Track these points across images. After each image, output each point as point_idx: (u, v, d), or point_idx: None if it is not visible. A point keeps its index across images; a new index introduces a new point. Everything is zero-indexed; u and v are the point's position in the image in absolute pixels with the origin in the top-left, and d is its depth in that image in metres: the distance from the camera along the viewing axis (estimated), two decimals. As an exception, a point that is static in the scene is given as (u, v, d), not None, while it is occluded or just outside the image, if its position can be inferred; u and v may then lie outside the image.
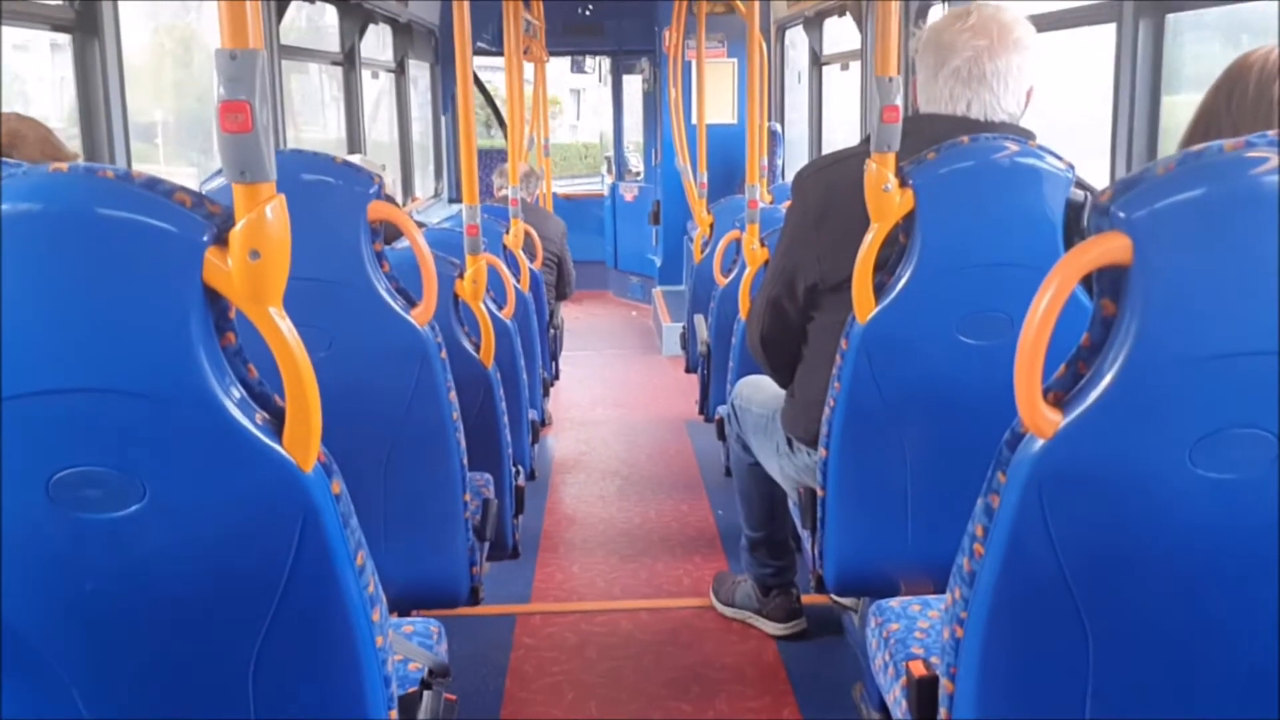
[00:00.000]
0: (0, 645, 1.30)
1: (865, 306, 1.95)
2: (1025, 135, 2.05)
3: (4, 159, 1.87)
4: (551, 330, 4.91)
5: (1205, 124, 1.58)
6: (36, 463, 1.19)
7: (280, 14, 4.46)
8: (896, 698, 1.69)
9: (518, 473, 2.85)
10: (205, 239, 1.15)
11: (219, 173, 1.87)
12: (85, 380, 1.17)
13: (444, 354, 2.11)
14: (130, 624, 1.29)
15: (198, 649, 1.30)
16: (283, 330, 1.17)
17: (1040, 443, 1.19)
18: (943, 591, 1.67)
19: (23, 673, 1.32)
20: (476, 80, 8.40)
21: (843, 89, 6.27)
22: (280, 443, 1.19)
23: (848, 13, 5.60)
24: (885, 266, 1.98)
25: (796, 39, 7.07)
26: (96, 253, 1.16)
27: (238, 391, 1.19)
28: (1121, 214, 1.11)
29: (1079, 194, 1.96)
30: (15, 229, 1.15)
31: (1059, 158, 1.94)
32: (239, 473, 1.19)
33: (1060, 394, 1.20)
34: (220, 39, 1.12)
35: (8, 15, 2.76)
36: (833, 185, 2.16)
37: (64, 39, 2.90)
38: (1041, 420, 1.18)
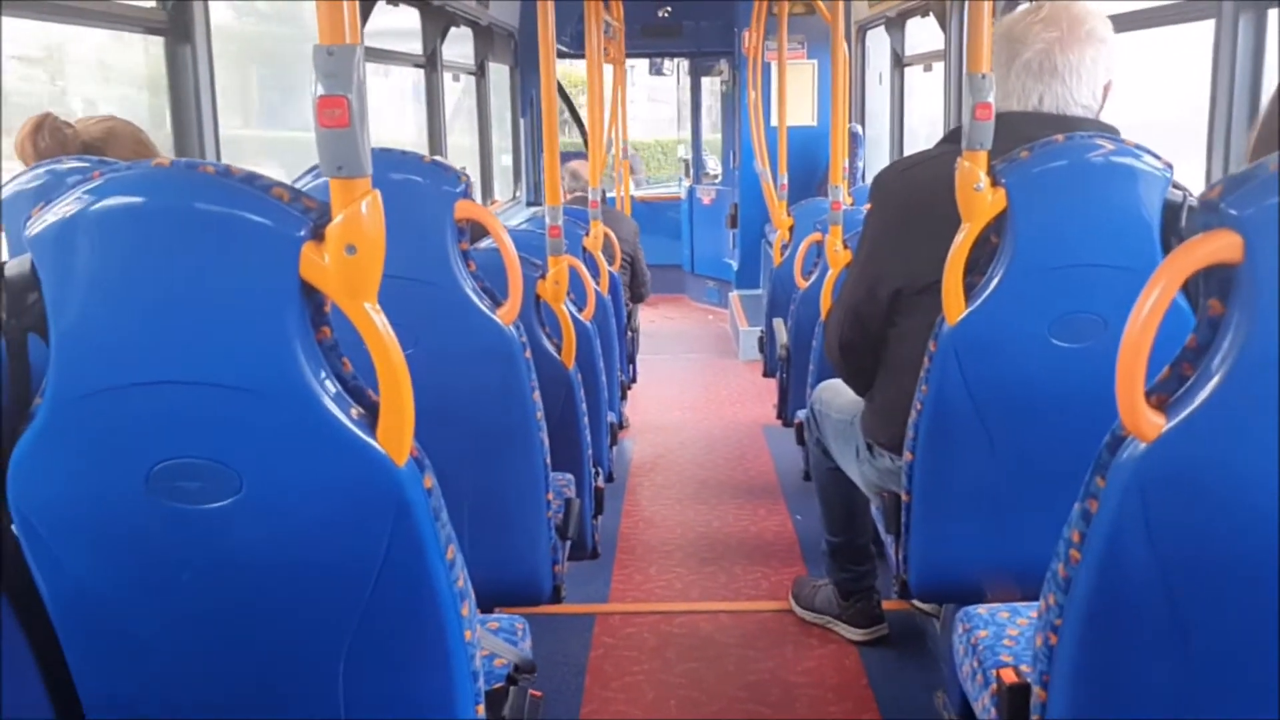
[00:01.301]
0: (98, 632, 1.33)
1: (955, 308, 1.92)
2: (1109, 131, 2.01)
3: (107, 159, 1.94)
4: (629, 333, 4.92)
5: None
6: (137, 453, 1.22)
7: (365, 16, 4.53)
8: (985, 705, 1.66)
9: (597, 474, 2.85)
10: (302, 234, 1.17)
11: (312, 170, 1.90)
12: (184, 373, 1.19)
13: (528, 354, 2.12)
14: (224, 614, 1.32)
15: (290, 640, 1.32)
16: (378, 325, 1.18)
17: (1142, 446, 1.16)
18: (1030, 598, 1.64)
19: (117, 659, 1.35)
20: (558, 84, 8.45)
21: (925, 90, 6.19)
22: (374, 437, 1.20)
23: (930, 13, 5.53)
24: (975, 268, 1.94)
25: (877, 40, 7.00)
26: (196, 247, 1.19)
27: (333, 385, 1.20)
28: (1232, 211, 1.08)
29: (1177, 194, 1.91)
30: (118, 223, 1.18)
31: (1156, 157, 1.89)
32: (334, 466, 1.21)
33: (1163, 396, 1.17)
34: (319, 35, 1.14)
35: (104, 19, 2.83)
36: (916, 187, 2.13)
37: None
38: (1144, 423, 1.15)
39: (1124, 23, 3.15)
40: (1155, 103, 3.76)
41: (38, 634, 1.34)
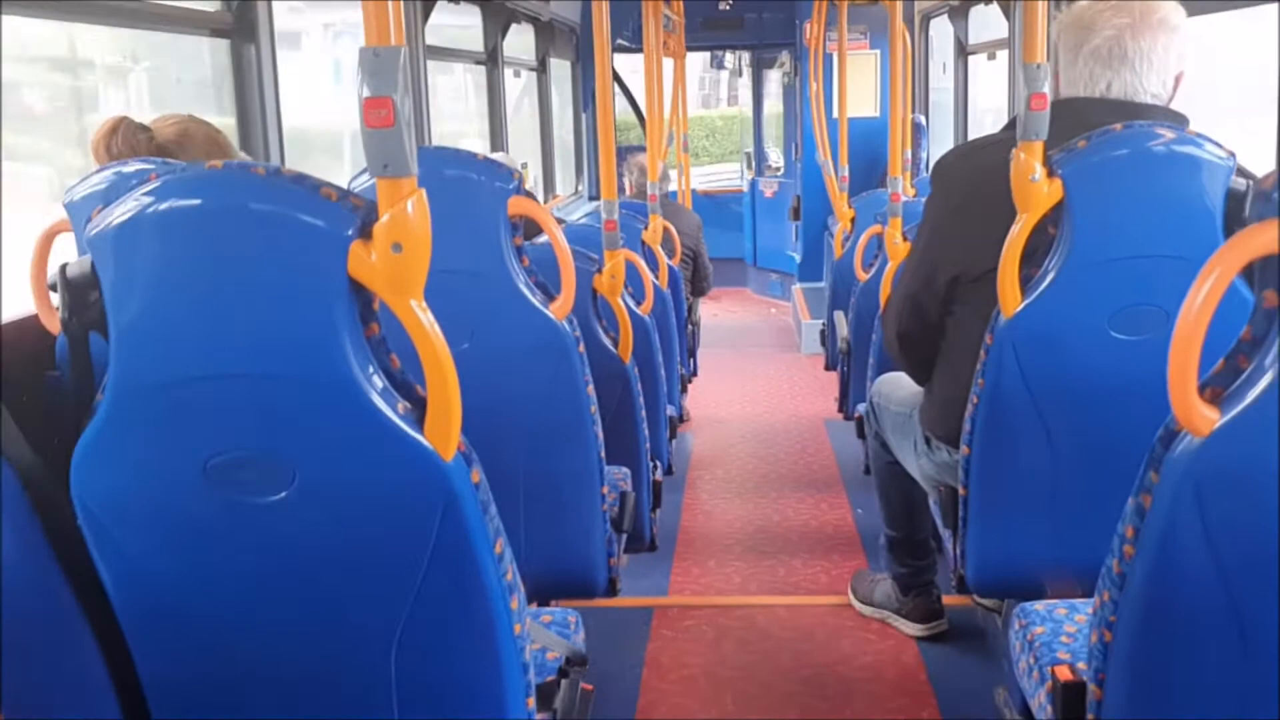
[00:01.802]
0: (157, 620, 1.37)
1: (1011, 300, 1.90)
2: (1178, 120, 1.96)
3: (168, 159, 1.98)
4: (689, 326, 4.92)
5: None
6: (194, 445, 1.25)
7: (426, 15, 4.58)
8: (1041, 703, 1.64)
9: (655, 467, 2.86)
10: (350, 232, 1.19)
11: (364, 172, 1.93)
12: (238, 367, 1.23)
13: (582, 348, 2.13)
14: (278, 603, 1.35)
15: (342, 629, 1.35)
16: (424, 322, 1.20)
17: (1196, 440, 1.14)
18: (1090, 594, 1.61)
19: (176, 646, 1.39)
20: (616, 77, 8.47)
21: (989, 78, 6.11)
22: (422, 431, 1.22)
23: (994, 1, 5.45)
24: (1031, 259, 1.92)
25: (940, 28, 6.91)
26: (249, 245, 1.22)
27: (380, 381, 1.23)
28: (1287, 200, 1.06)
29: (1241, 183, 1.86)
30: (175, 223, 1.21)
31: (1219, 145, 1.85)
32: (382, 460, 1.23)
33: (1218, 390, 1.15)
34: (364, 37, 1.16)
35: (173, 22, 2.90)
36: (976, 172, 2.10)
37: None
38: (1197, 417, 1.13)
39: (1197, 8, 3.08)
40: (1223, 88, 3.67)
41: (100, 622, 1.38)
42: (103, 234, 1.21)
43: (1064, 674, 1.50)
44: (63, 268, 1.26)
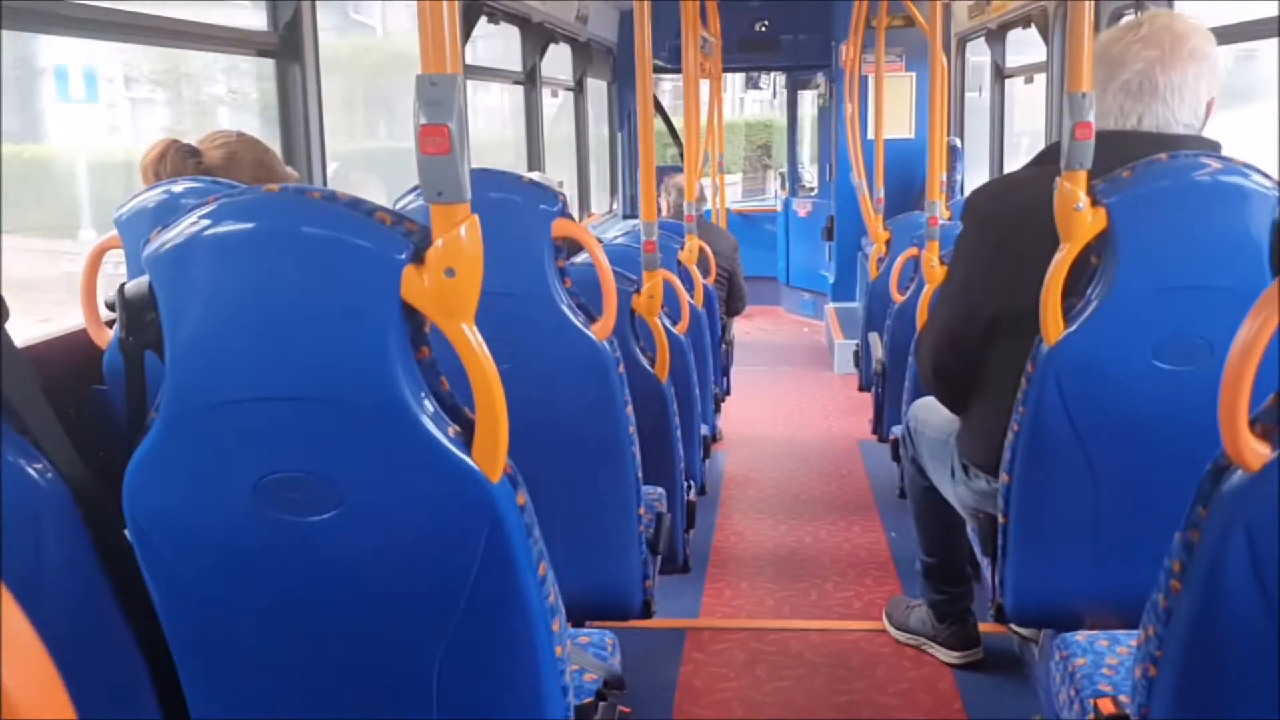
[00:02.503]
0: (204, 637, 1.39)
1: (1054, 329, 1.89)
2: (1210, 148, 1.95)
3: (219, 180, 2.01)
4: (723, 346, 4.92)
5: None
6: (245, 465, 1.27)
7: (467, 35, 4.62)
8: (1082, 735, 1.62)
9: (689, 487, 2.86)
10: (403, 257, 1.20)
11: (413, 190, 1.95)
12: (290, 389, 1.24)
13: (621, 368, 2.14)
14: (322, 623, 1.36)
15: (386, 651, 1.36)
16: (474, 345, 1.21)
17: (1246, 476, 1.13)
18: (1130, 626, 1.60)
19: (222, 660, 1.40)
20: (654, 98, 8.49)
21: (1026, 101, 6.09)
22: (470, 454, 1.23)
23: (1032, 24, 5.43)
24: (1073, 290, 1.91)
25: (978, 52, 6.90)
26: (303, 269, 1.23)
27: (431, 404, 1.24)
28: (1341, 236, 1.05)
29: (1288, 213, 1.85)
30: (231, 246, 1.23)
31: (1266, 175, 1.84)
32: (430, 482, 1.24)
33: (1269, 426, 1.14)
34: (421, 65, 1.17)
35: (220, 43, 2.94)
36: (1011, 212, 2.09)
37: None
38: (1248, 452, 1.12)
39: (1227, 35, 3.07)
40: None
41: (146, 636, 1.40)
42: (160, 255, 1.24)
43: (1107, 707, 1.49)
44: (121, 287, 1.28)
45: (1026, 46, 5.86)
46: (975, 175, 7.02)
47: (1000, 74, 6.36)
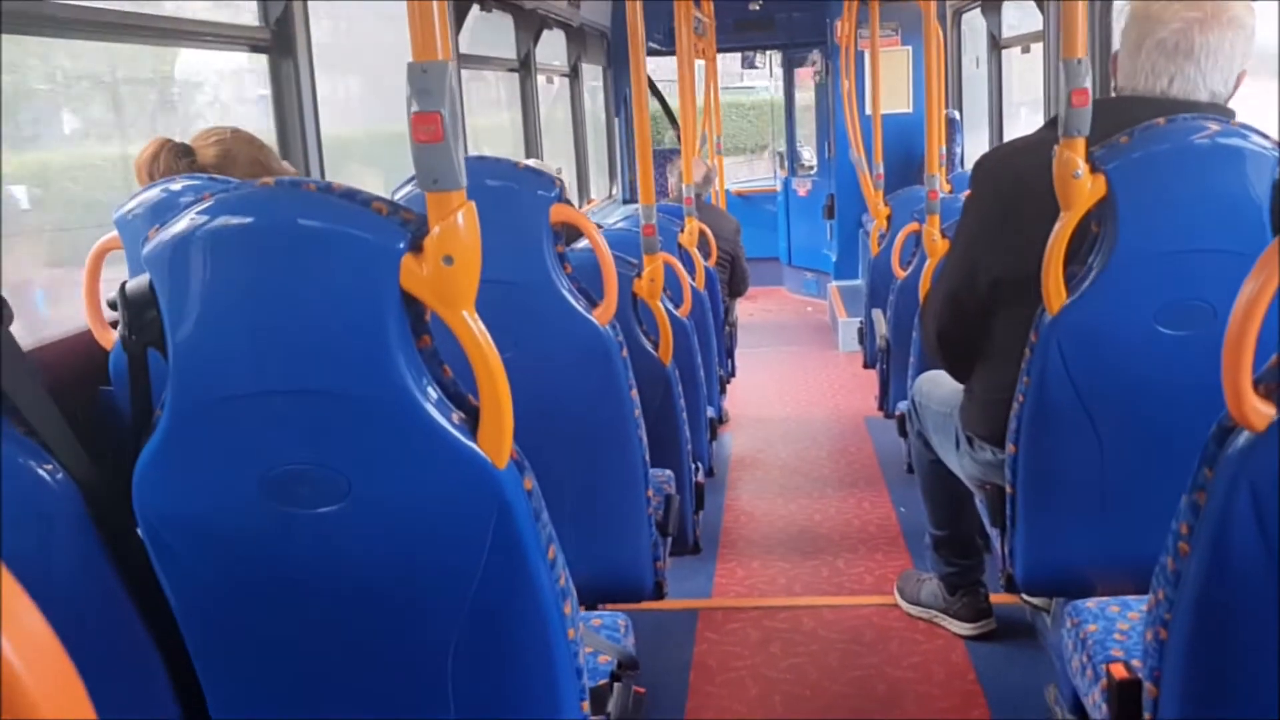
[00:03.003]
0: (218, 632, 1.39)
1: (1056, 298, 1.89)
2: (1226, 115, 1.94)
3: (216, 176, 2.01)
4: (727, 327, 4.92)
5: None
6: (251, 459, 1.27)
7: (460, 23, 4.61)
8: (1096, 701, 1.63)
9: (697, 469, 2.86)
10: (401, 246, 1.20)
11: (410, 180, 1.95)
12: (293, 382, 1.24)
13: (625, 352, 2.14)
14: (335, 614, 1.37)
15: (399, 638, 1.36)
16: (475, 332, 1.21)
17: (1251, 436, 1.13)
18: (1142, 592, 1.60)
19: (237, 655, 1.41)
20: (649, 81, 8.47)
21: (1024, 71, 6.06)
22: (475, 440, 1.24)
23: (1028, -7, 5.41)
24: (1075, 256, 1.91)
25: (973, 23, 6.87)
26: (302, 261, 1.23)
27: (434, 392, 1.24)
28: (1340, 193, 1.05)
29: (1288, 174, 1.84)
30: (228, 241, 1.23)
31: (1265, 136, 1.83)
32: (437, 470, 1.25)
33: (1272, 385, 1.14)
34: (412, 53, 1.17)
35: (212, 38, 2.94)
36: (1018, 174, 2.08)
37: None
38: (1252, 413, 1.12)
39: None
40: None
41: (162, 633, 1.40)
42: (158, 252, 1.24)
43: (1119, 672, 1.49)
44: (122, 286, 1.28)
45: (1026, 16, 5.84)
46: (974, 147, 6.99)
47: (997, 44, 6.33)
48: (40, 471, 1.34)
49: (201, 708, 1.43)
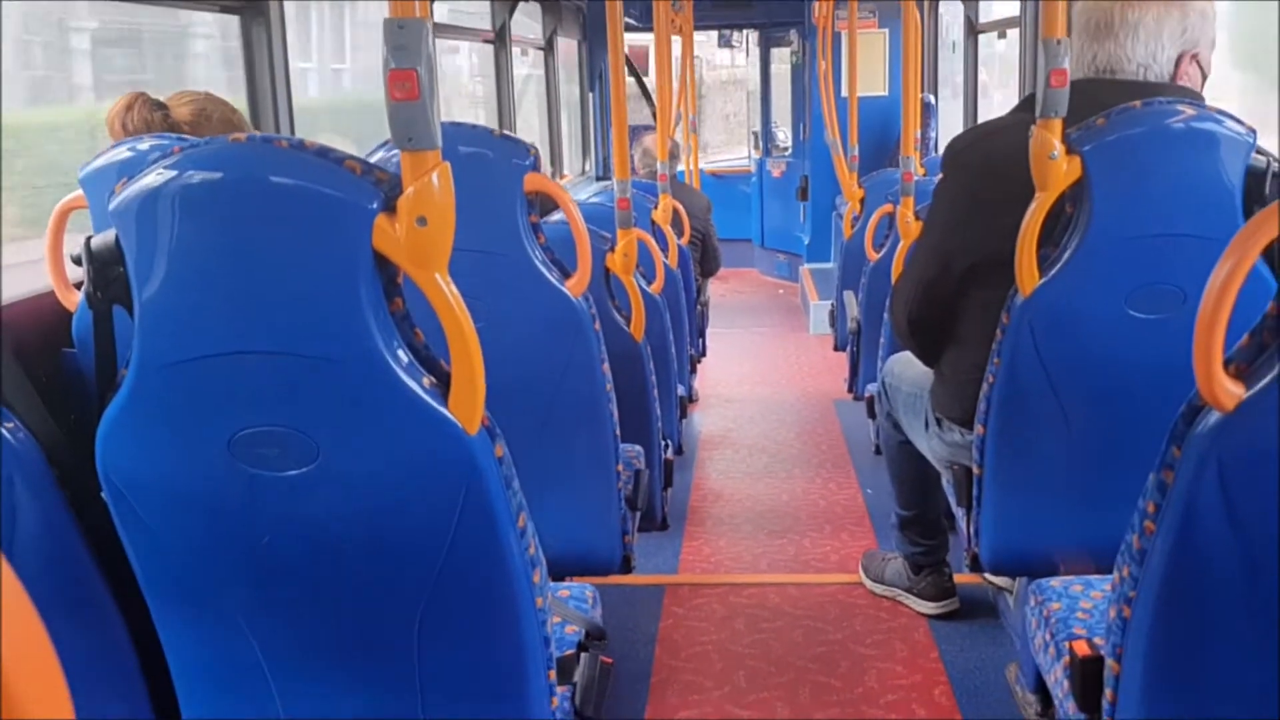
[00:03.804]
0: (182, 595, 1.38)
1: (1029, 279, 1.89)
2: (1192, 95, 1.95)
3: (186, 136, 1.98)
4: (698, 307, 4.92)
5: None
6: (218, 421, 1.26)
7: (436, -7, 4.57)
8: (1058, 678, 1.64)
9: (666, 446, 2.86)
10: (374, 206, 1.19)
11: (384, 145, 1.92)
12: (262, 342, 1.23)
13: (597, 325, 2.13)
14: (303, 577, 1.36)
15: (366, 604, 1.36)
16: (448, 295, 1.20)
17: (1220, 416, 1.14)
18: (1104, 571, 1.62)
19: (202, 619, 1.40)
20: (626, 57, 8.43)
21: (1001, 56, 6.08)
22: (446, 406, 1.23)
23: (1006, -21, 5.42)
24: (1049, 239, 1.91)
25: (952, 7, 6.88)
26: (271, 219, 1.21)
27: (405, 355, 1.23)
28: (1314, 175, 1.05)
29: (1260, 160, 1.85)
30: (197, 197, 1.21)
31: (1239, 121, 1.84)
32: (407, 434, 1.23)
33: (1242, 366, 1.15)
34: (389, 9, 1.15)
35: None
36: (991, 158, 2.08)
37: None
38: (1222, 393, 1.12)
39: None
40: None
41: (124, 595, 1.39)
42: (125, 207, 1.21)
43: (1082, 649, 1.50)
44: (87, 240, 1.25)
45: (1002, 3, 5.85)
46: (950, 131, 7.01)
47: (974, 29, 6.35)
48: (2, 431, 1.32)
49: (164, 669, 1.42)
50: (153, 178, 1.20)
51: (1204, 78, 2.03)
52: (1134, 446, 1.56)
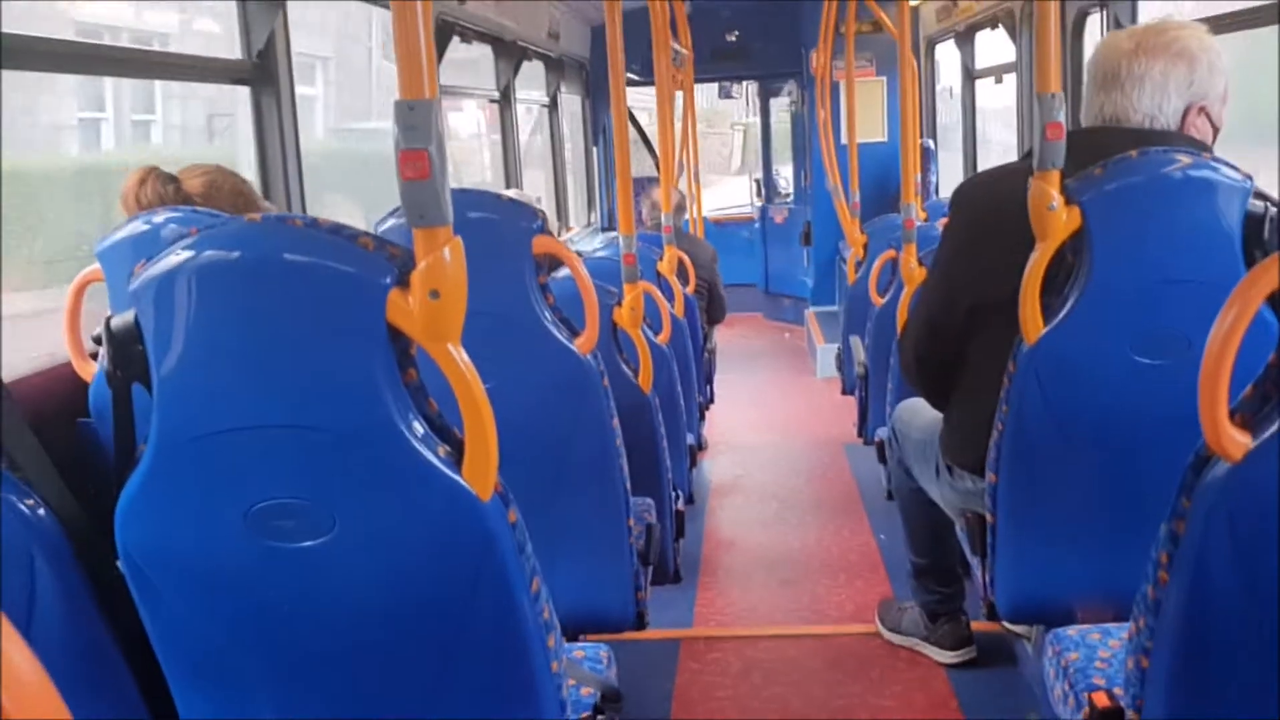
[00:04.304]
0: (200, 667, 1.38)
1: (1033, 328, 1.91)
2: (1193, 144, 1.97)
3: (200, 210, 2.01)
4: (705, 354, 4.93)
5: None
6: (235, 494, 1.27)
7: (440, 55, 4.63)
8: (1077, 729, 1.64)
9: (677, 497, 2.86)
10: (388, 281, 1.21)
11: (394, 212, 1.95)
12: (279, 417, 1.24)
13: (606, 382, 2.14)
14: (320, 647, 1.36)
15: (383, 672, 1.36)
16: (462, 366, 1.22)
17: (1227, 466, 1.15)
18: (1122, 619, 1.62)
19: (220, 692, 1.40)
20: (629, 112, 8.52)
21: (997, 101, 6.14)
22: (460, 474, 1.24)
23: (1000, 26, 5.48)
24: (1051, 287, 1.93)
25: (948, 54, 6.96)
26: (287, 296, 1.24)
27: (420, 426, 1.24)
28: (1312, 227, 1.07)
29: (1259, 205, 1.87)
30: (213, 276, 1.24)
31: (1235, 168, 1.86)
32: (423, 503, 1.25)
33: (1248, 415, 1.16)
34: (399, 90, 1.18)
35: (196, 71, 2.94)
36: (998, 201, 2.10)
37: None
38: (1228, 442, 1.13)
39: (1221, 26, 3.07)
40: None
41: (143, 670, 1.39)
42: (144, 287, 1.24)
43: (1101, 700, 1.50)
44: (107, 321, 1.28)
45: (999, 48, 5.91)
46: (950, 176, 7.06)
47: (970, 75, 6.41)
48: (21, 506, 1.34)
49: None
50: (172, 259, 1.22)
51: (1215, 131, 2.05)
52: (1147, 492, 1.56)
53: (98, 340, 1.31)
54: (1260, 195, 1.88)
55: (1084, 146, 1.93)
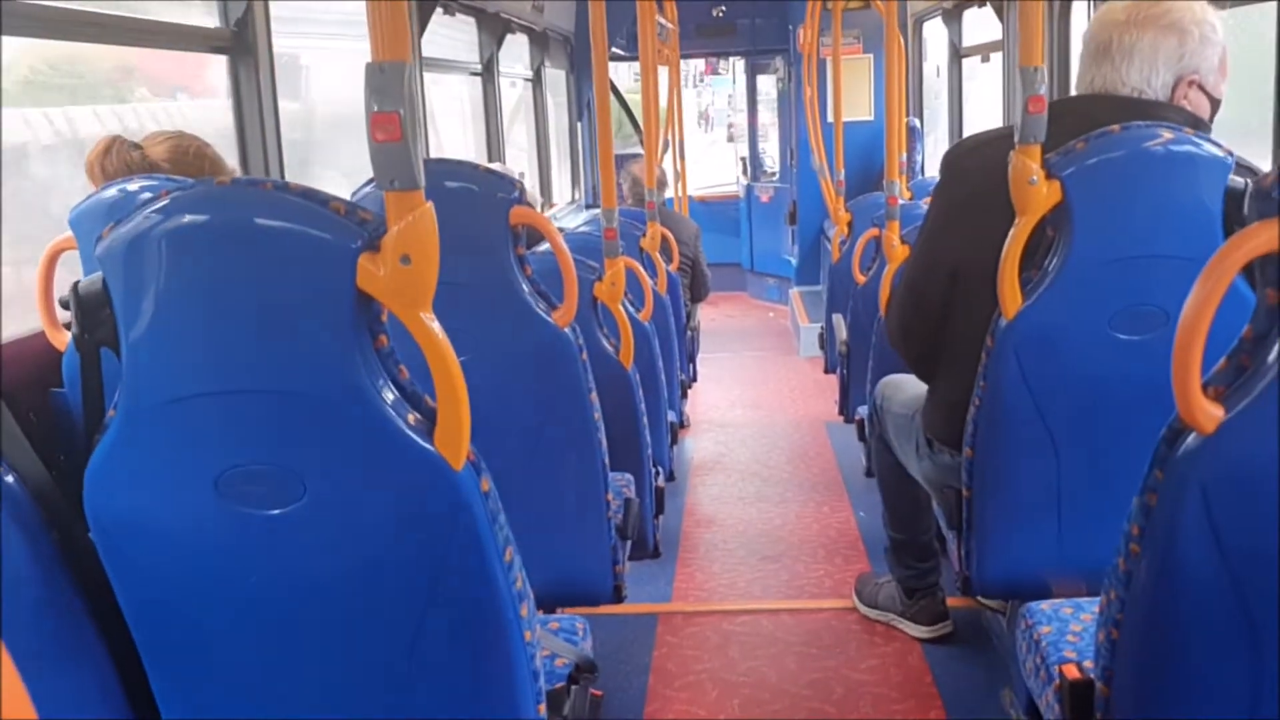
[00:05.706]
0: (170, 634, 1.38)
1: (1012, 302, 1.91)
2: (1181, 117, 1.96)
3: (171, 176, 1.99)
4: (688, 332, 4.93)
5: None
6: (205, 461, 1.26)
7: (423, 26, 4.59)
8: (1049, 702, 1.64)
9: (657, 473, 2.86)
10: (358, 245, 1.20)
11: (369, 182, 1.94)
12: (248, 382, 1.23)
13: (585, 355, 2.14)
14: (290, 615, 1.36)
15: (354, 640, 1.36)
16: (434, 333, 1.21)
17: (1201, 438, 1.15)
18: (1095, 594, 1.62)
19: (189, 660, 1.40)
20: (612, 86, 8.48)
21: (985, 79, 6.13)
22: (432, 442, 1.23)
23: (987, 3, 5.47)
24: (1031, 260, 1.93)
25: (935, 32, 6.94)
26: (257, 260, 1.22)
27: (391, 393, 1.23)
28: (1286, 199, 1.07)
29: (1239, 181, 1.87)
30: (183, 239, 1.22)
31: (1217, 144, 1.86)
32: (393, 471, 1.24)
33: (1221, 388, 1.16)
34: (371, 52, 1.17)
35: (173, 39, 2.91)
36: (984, 166, 2.09)
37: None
38: (1202, 415, 1.13)
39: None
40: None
41: (113, 635, 1.39)
42: (113, 251, 1.22)
43: (1071, 672, 1.51)
44: (75, 285, 1.26)
45: (987, 25, 5.90)
46: (936, 155, 7.05)
47: (957, 53, 6.39)
48: None
49: (154, 710, 1.42)
50: (140, 221, 1.21)
51: (1214, 103, 2.04)
52: (1121, 468, 1.57)
53: (64, 305, 1.29)
54: (1244, 168, 1.88)
55: (1071, 114, 1.93)
